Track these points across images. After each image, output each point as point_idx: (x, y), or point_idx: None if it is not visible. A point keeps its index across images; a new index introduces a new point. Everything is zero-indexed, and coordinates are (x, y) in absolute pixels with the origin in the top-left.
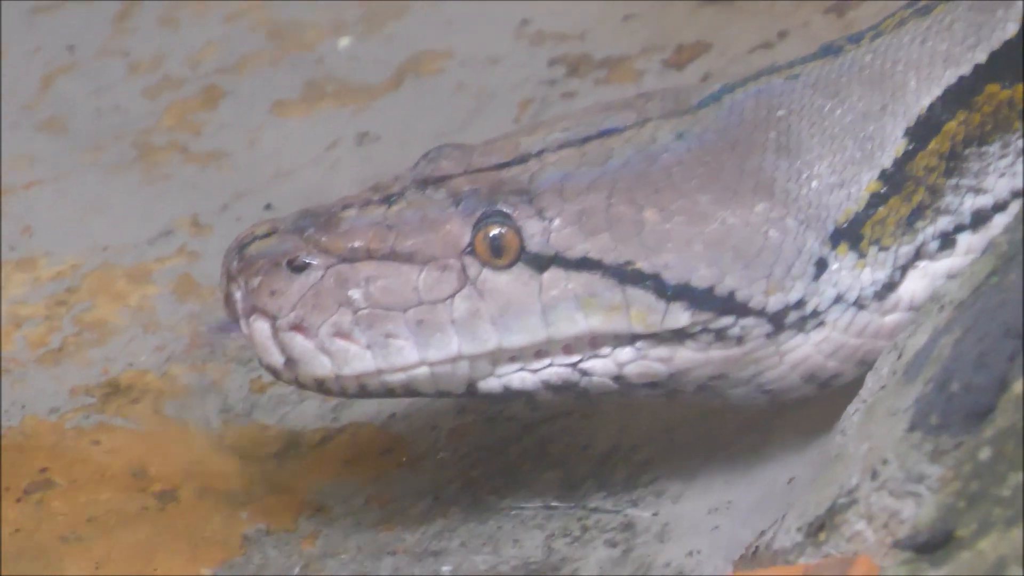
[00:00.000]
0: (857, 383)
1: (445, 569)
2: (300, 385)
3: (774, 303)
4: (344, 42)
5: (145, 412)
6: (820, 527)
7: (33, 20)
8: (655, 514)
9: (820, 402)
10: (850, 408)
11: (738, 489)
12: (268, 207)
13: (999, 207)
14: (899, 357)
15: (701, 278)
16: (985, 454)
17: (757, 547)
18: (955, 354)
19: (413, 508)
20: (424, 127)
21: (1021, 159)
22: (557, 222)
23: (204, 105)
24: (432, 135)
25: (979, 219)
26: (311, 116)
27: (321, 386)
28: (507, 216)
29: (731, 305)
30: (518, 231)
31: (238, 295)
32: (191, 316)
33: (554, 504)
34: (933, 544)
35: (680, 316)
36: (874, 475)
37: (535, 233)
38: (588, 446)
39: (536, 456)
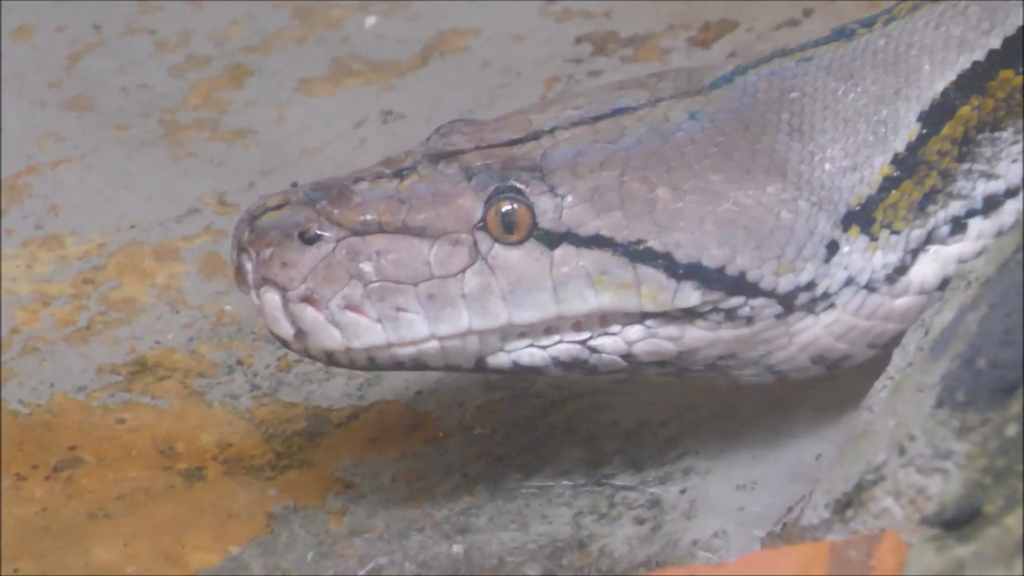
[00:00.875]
0: (868, 363)
1: (456, 548)
2: (310, 356)
3: (785, 284)
4: (370, 20)
5: (172, 390)
6: (847, 504)
7: None
8: (683, 491)
9: (846, 378)
10: (877, 384)
11: (765, 466)
12: (295, 185)
13: (1011, 192)
14: (926, 334)
15: (712, 257)
16: (1012, 430)
17: (784, 524)
18: (981, 331)
19: (440, 486)
20: (450, 105)
21: None
22: (569, 199)
23: (230, 83)
24: (458, 112)
25: (991, 204)
26: (337, 94)
27: (331, 358)
28: (519, 192)
29: (742, 285)
30: (530, 207)
31: (249, 266)
32: (218, 294)
33: (582, 481)
34: (960, 520)
35: (690, 295)
36: (901, 451)
37: (547, 209)
38: (615, 423)
39: (563, 433)
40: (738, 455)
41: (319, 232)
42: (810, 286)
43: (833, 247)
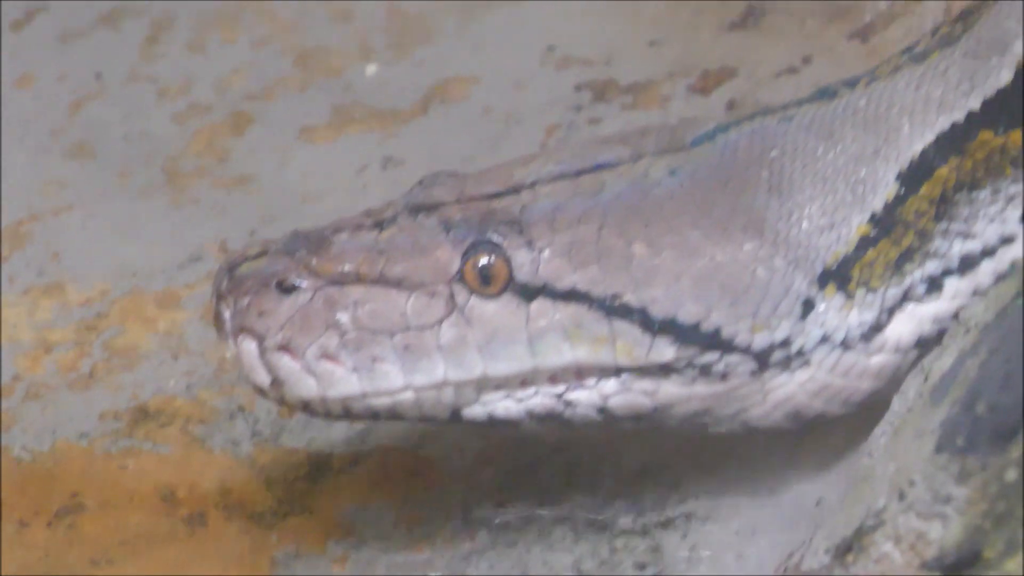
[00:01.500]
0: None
1: None
2: (286, 405)
3: (759, 341)
4: (372, 68)
5: (174, 436)
6: (848, 549)
7: (61, 47)
8: (684, 536)
9: (847, 422)
10: (877, 430)
11: (766, 511)
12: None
13: (987, 252)
14: (925, 379)
15: (688, 313)
16: (1011, 475)
17: (786, 569)
18: (981, 376)
19: (442, 531)
20: (451, 152)
21: (1011, 205)
22: (547, 253)
23: (232, 131)
24: (459, 160)
25: (967, 264)
26: (339, 141)
27: (307, 407)
28: (497, 245)
29: (716, 341)
30: (507, 260)
31: (227, 314)
32: (219, 341)
33: (583, 526)
34: (960, 565)
35: (665, 350)
36: (901, 496)
37: (524, 263)
38: (617, 467)
39: (565, 478)
40: (739, 500)
41: (297, 282)
42: (785, 343)
43: (809, 305)
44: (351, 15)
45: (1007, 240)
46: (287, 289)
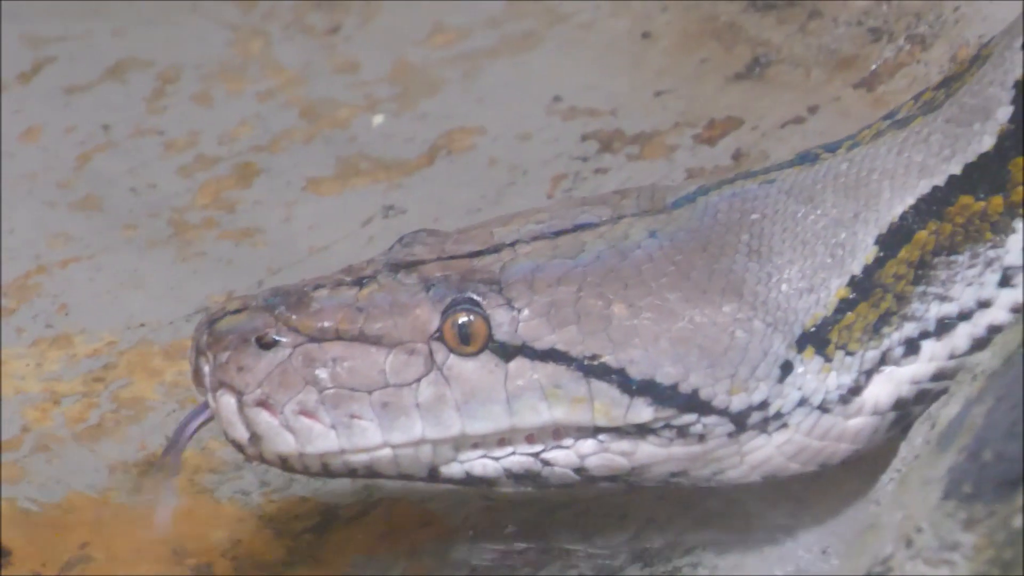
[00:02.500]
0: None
1: None
2: (264, 461)
3: (737, 403)
4: (377, 119)
5: (182, 487)
6: None
7: (68, 99)
8: None
9: (853, 472)
10: (884, 477)
11: (772, 561)
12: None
13: (964, 316)
14: (932, 427)
15: (666, 375)
16: (1018, 522)
17: None
18: (987, 423)
19: None
20: (457, 203)
21: (989, 269)
22: (526, 312)
23: (238, 183)
24: (465, 211)
25: (943, 327)
26: (345, 193)
27: (285, 463)
28: (476, 304)
29: (694, 403)
30: (487, 319)
31: (206, 369)
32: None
33: (591, 575)
34: None
35: (643, 411)
36: (908, 544)
37: (503, 322)
38: (624, 517)
39: (571, 529)
40: (746, 550)
41: (276, 338)
42: (763, 406)
43: (787, 367)
44: (357, 67)
45: (984, 304)
46: (266, 345)
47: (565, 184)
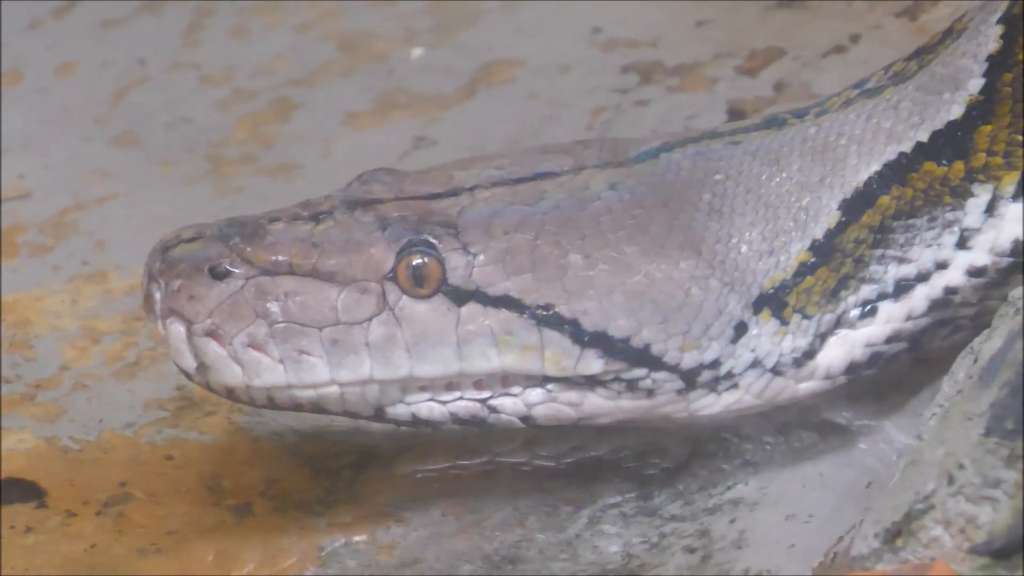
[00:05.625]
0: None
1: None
2: (211, 390)
3: (688, 360)
4: (416, 52)
5: (219, 426)
6: (897, 533)
7: (103, 34)
8: (732, 521)
9: (898, 410)
10: (927, 413)
11: (815, 495)
12: None
13: (922, 277)
14: (975, 361)
15: (618, 328)
16: None
17: (835, 553)
18: None
19: (490, 518)
20: (497, 136)
21: (947, 232)
22: (481, 258)
23: (276, 117)
24: (504, 144)
25: (901, 288)
26: (383, 127)
27: (231, 394)
28: (432, 246)
29: (645, 357)
30: (441, 262)
31: (157, 296)
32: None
33: (631, 512)
34: (1009, 549)
35: (593, 363)
36: (950, 480)
37: (458, 266)
38: (663, 454)
39: (612, 464)
40: (787, 485)
41: (229, 268)
42: (714, 365)
43: (741, 328)
44: None
45: (941, 266)
46: (219, 275)
47: (605, 116)
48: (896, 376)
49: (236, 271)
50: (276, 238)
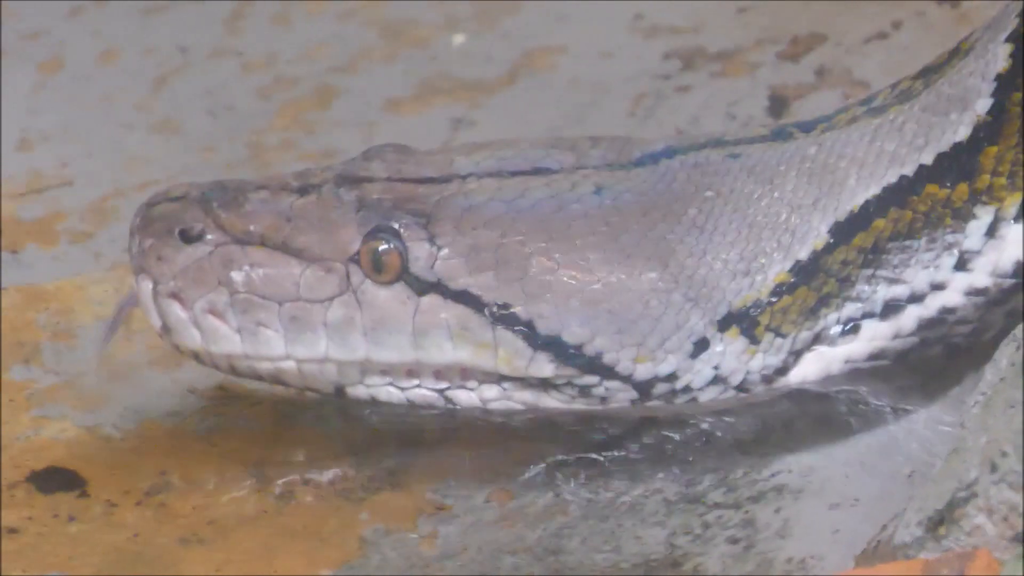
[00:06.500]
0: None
1: (548, 570)
2: (179, 352)
3: (642, 372)
4: (458, 38)
5: (262, 414)
6: (940, 521)
7: (145, 21)
8: (776, 510)
9: (941, 397)
10: (969, 400)
11: (858, 484)
12: None
13: (916, 298)
14: (1017, 348)
15: (572, 334)
16: None
17: (878, 542)
18: None
19: (533, 506)
20: (539, 122)
21: (946, 253)
22: (445, 251)
23: (318, 104)
24: (547, 130)
25: (890, 308)
26: (425, 113)
27: (196, 357)
28: (396, 234)
29: (597, 366)
30: (402, 252)
31: (134, 251)
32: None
33: (674, 500)
34: None
35: (545, 366)
36: (993, 468)
37: (420, 257)
38: (707, 441)
39: (655, 452)
40: (831, 473)
41: (200, 233)
42: (670, 378)
43: (703, 344)
44: None
45: (938, 287)
46: (189, 239)
47: (647, 103)
48: (938, 364)
49: (208, 236)
50: (253, 207)
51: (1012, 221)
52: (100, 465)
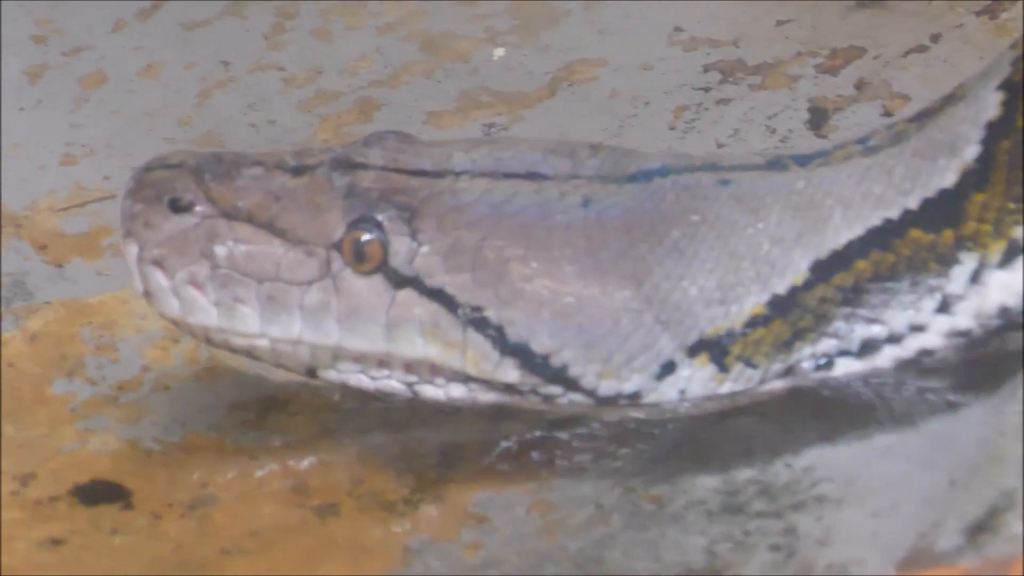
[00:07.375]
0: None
1: None
2: (163, 317)
3: (606, 388)
4: (498, 52)
5: (303, 426)
6: (980, 529)
7: (187, 36)
8: (818, 519)
9: (979, 407)
10: (1008, 409)
11: (899, 493)
12: None
13: (893, 339)
14: None
15: (540, 344)
16: None
17: (918, 550)
18: None
19: (574, 517)
20: (579, 135)
21: (928, 297)
22: (425, 248)
23: (359, 117)
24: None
25: (867, 348)
26: (466, 126)
27: (177, 325)
28: (380, 226)
29: (561, 377)
30: (384, 245)
31: (124, 214)
32: None
33: (716, 510)
34: None
35: (510, 372)
36: None
37: (400, 251)
38: (749, 451)
39: (696, 462)
40: (872, 482)
41: (188, 204)
42: (634, 396)
43: (669, 367)
44: None
45: (917, 328)
46: (178, 209)
47: (687, 115)
48: (976, 374)
49: (197, 208)
50: (245, 183)
51: (996, 268)
52: (143, 478)
